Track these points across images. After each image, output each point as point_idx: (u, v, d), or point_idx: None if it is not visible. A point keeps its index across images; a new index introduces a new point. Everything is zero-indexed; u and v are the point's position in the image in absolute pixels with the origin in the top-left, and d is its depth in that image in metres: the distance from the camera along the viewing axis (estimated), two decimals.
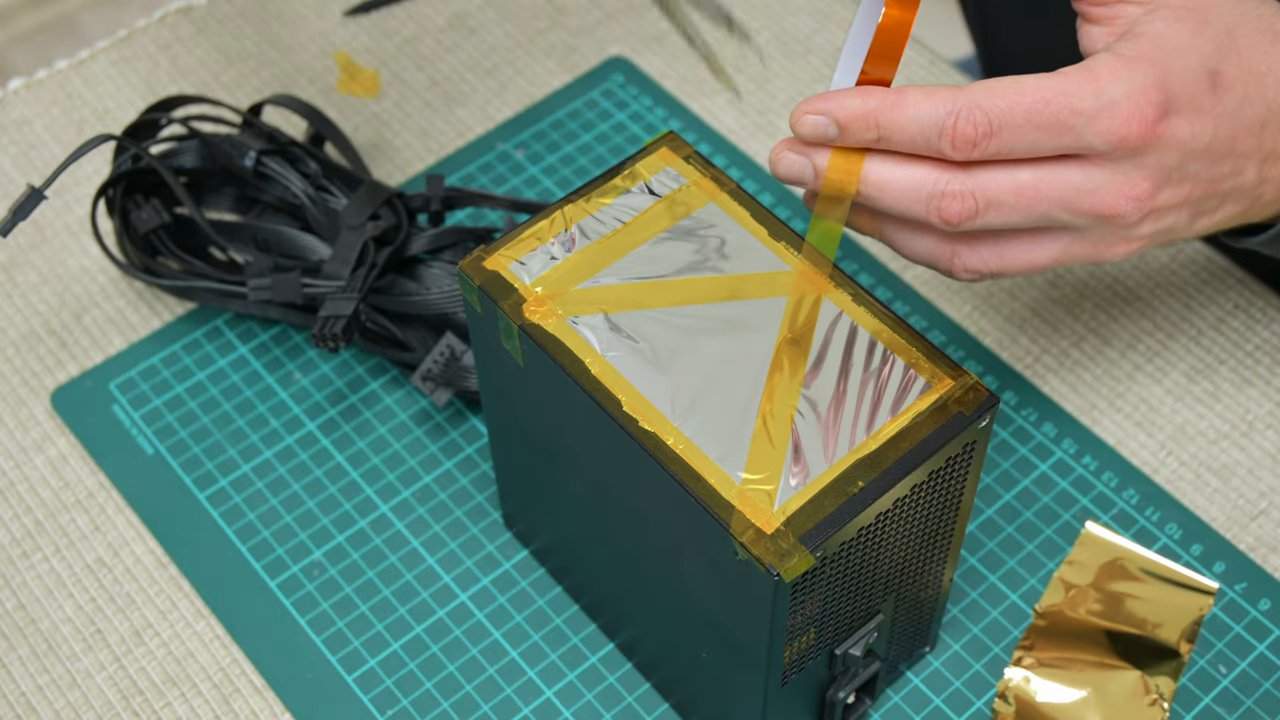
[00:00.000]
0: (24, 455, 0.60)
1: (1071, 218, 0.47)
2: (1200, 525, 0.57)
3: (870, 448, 0.42)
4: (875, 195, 0.47)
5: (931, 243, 0.48)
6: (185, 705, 0.54)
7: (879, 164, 0.46)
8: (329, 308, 0.57)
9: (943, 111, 0.45)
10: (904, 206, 0.46)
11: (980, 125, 0.45)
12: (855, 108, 0.46)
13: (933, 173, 0.46)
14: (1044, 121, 0.45)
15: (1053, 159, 0.46)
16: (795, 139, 0.48)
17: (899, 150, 0.46)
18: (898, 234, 0.50)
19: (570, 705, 0.53)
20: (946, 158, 0.45)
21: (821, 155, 0.47)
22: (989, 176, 0.46)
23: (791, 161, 0.48)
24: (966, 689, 0.54)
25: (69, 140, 0.70)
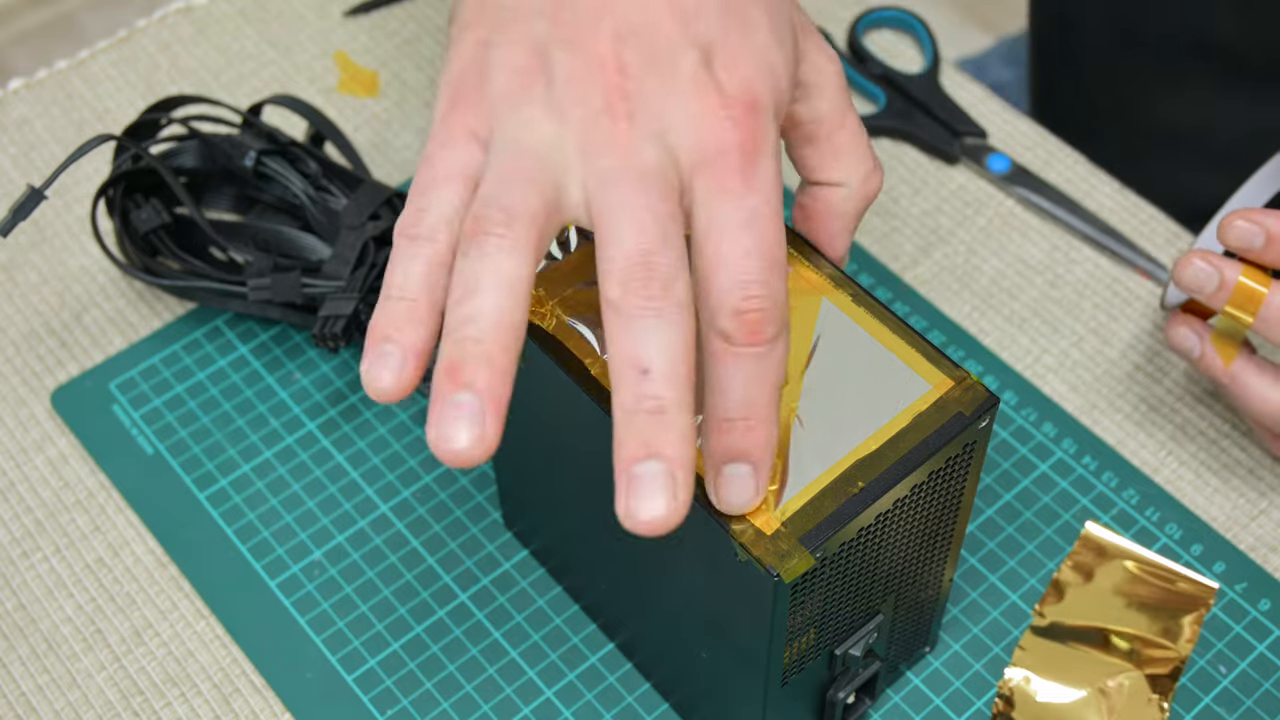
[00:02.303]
0: (24, 455, 0.60)
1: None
2: (1200, 525, 0.57)
3: (870, 448, 0.42)
4: (1273, 321, 0.51)
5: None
6: (185, 705, 0.54)
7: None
8: (329, 308, 0.57)
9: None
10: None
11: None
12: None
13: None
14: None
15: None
16: (1206, 251, 0.52)
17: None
18: (1253, 380, 0.53)
19: (570, 705, 0.53)
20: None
21: (1231, 268, 0.52)
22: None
23: (1199, 269, 0.52)
24: (966, 689, 0.54)
25: (69, 140, 0.70)
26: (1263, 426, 0.56)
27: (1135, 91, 0.77)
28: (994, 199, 0.67)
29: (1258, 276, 0.52)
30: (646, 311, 0.36)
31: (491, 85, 0.39)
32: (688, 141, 0.38)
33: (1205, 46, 0.72)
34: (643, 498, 0.36)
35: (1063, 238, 0.66)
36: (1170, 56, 0.74)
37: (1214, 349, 0.54)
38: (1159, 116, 0.76)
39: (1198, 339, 0.54)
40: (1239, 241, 0.52)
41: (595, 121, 0.38)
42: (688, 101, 0.38)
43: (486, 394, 0.36)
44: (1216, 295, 0.52)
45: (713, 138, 0.38)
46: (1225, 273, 0.52)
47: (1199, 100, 0.74)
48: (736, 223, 0.38)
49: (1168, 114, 0.76)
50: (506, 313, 0.36)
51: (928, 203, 0.67)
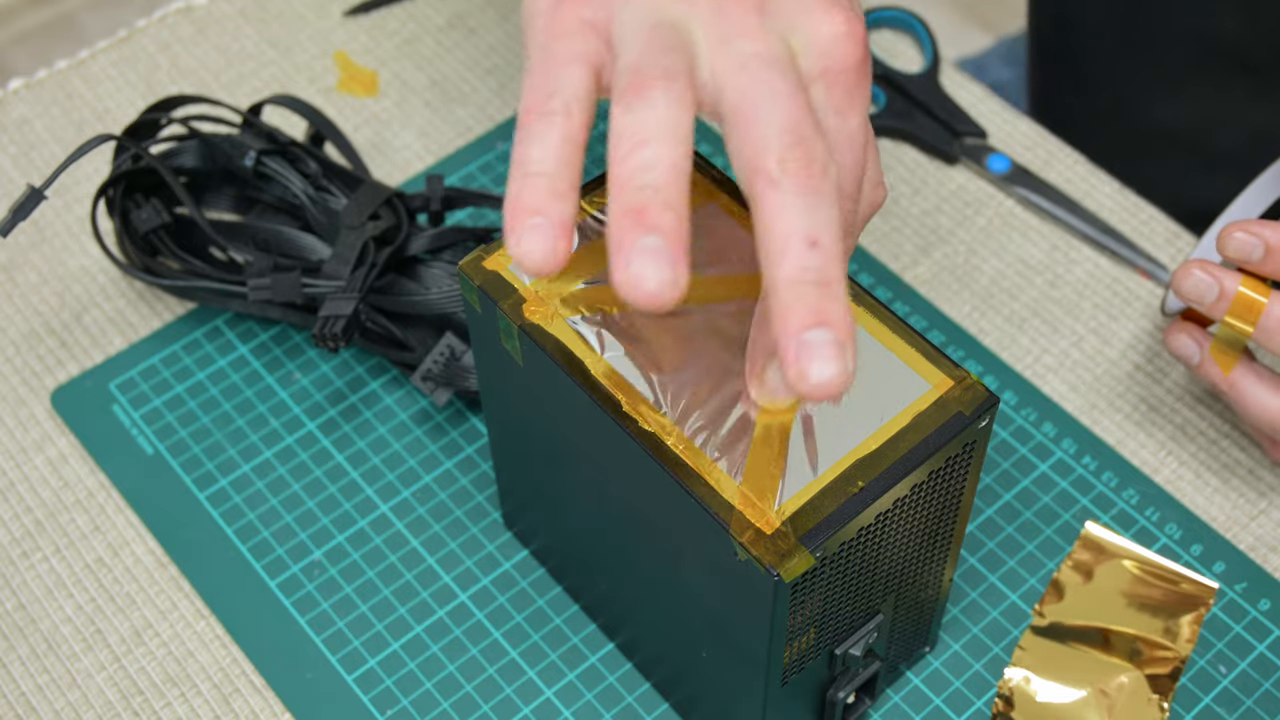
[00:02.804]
0: (24, 455, 0.60)
1: None
2: (1200, 525, 0.57)
3: (870, 448, 0.42)
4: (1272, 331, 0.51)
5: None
6: (185, 705, 0.54)
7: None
8: (329, 308, 0.57)
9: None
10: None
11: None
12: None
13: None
14: None
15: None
16: (1205, 261, 0.52)
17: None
18: (1253, 388, 0.53)
19: (570, 705, 0.53)
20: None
21: (1231, 278, 0.52)
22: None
23: (1198, 279, 0.52)
24: (966, 689, 0.54)
25: (69, 140, 0.70)
26: (1262, 433, 0.56)
27: (1135, 91, 0.77)
28: (994, 199, 0.67)
29: (1257, 287, 0.52)
30: (808, 188, 0.37)
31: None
32: (814, 50, 0.39)
33: (1207, 45, 0.72)
34: (815, 360, 0.36)
35: (1063, 238, 0.66)
36: (1171, 55, 0.74)
37: (1213, 358, 0.54)
38: (1159, 116, 0.76)
39: (1197, 347, 0.54)
40: (1238, 253, 0.52)
41: (723, 8, 0.39)
42: (814, 12, 0.39)
43: (673, 237, 0.36)
44: (1216, 305, 0.53)
45: (838, 52, 0.39)
46: (1225, 283, 0.52)
47: (1199, 100, 0.74)
48: (849, 131, 0.40)
49: (1168, 113, 0.76)
50: (680, 160, 0.37)
51: (928, 203, 0.67)
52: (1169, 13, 0.72)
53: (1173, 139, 0.76)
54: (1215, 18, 0.71)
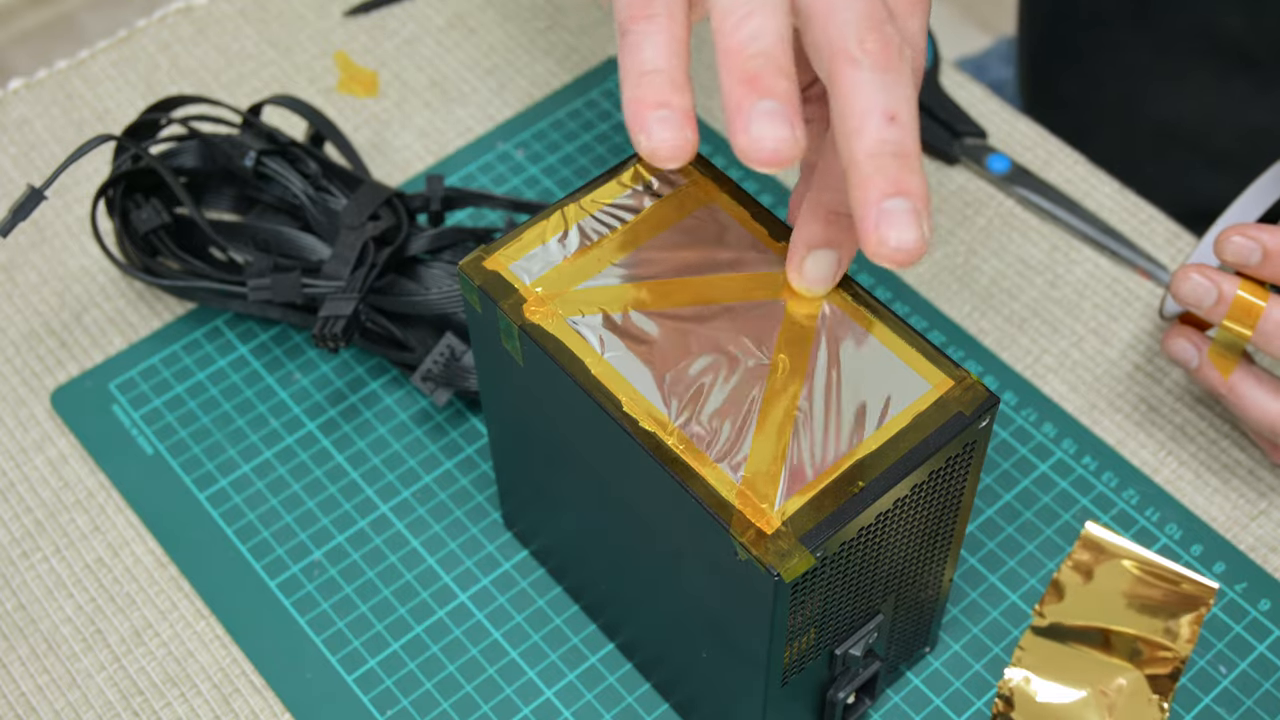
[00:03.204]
0: (24, 455, 0.60)
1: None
2: (1200, 525, 0.57)
3: (870, 448, 0.42)
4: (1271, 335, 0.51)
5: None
6: (185, 705, 0.54)
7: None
8: (329, 308, 0.57)
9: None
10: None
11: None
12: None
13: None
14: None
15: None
16: (1203, 265, 0.53)
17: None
18: (1251, 391, 0.53)
19: (570, 705, 0.53)
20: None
21: (1229, 283, 0.52)
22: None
23: (1196, 283, 0.52)
24: (966, 689, 0.54)
25: (69, 140, 0.70)
26: (1262, 436, 0.56)
27: (1136, 87, 0.77)
28: (994, 199, 0.67)
29: (1255, 291, 0.52)
30: (889, 66, 0.38)
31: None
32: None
33: (1209, 40, 0.72)
34: (895, 227, 0.38)
35: (1063, 238, 0.66)
36: (1173, 50, 0.74)
37: (1212, 361, 0.54)
38: (1160, 112, 0.76)
39: (1195, 351, 0.54)
40: (1236, 257, 0.52)
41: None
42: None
43: (787, 100, 0.38)
44: (1214, 310, 0.53)
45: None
46: (1223, 287, 0.52)
47: (1200, 96, 0.74)
48: (909, 36, 0.42)
49: (1168, 110, 0.76)
50: (785, 29, 0.39)
51: None
52: (1171, 8, 0.72)
53: (1173, 136, 0.76)
54: (1217, 13, 0.71)
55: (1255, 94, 0.72)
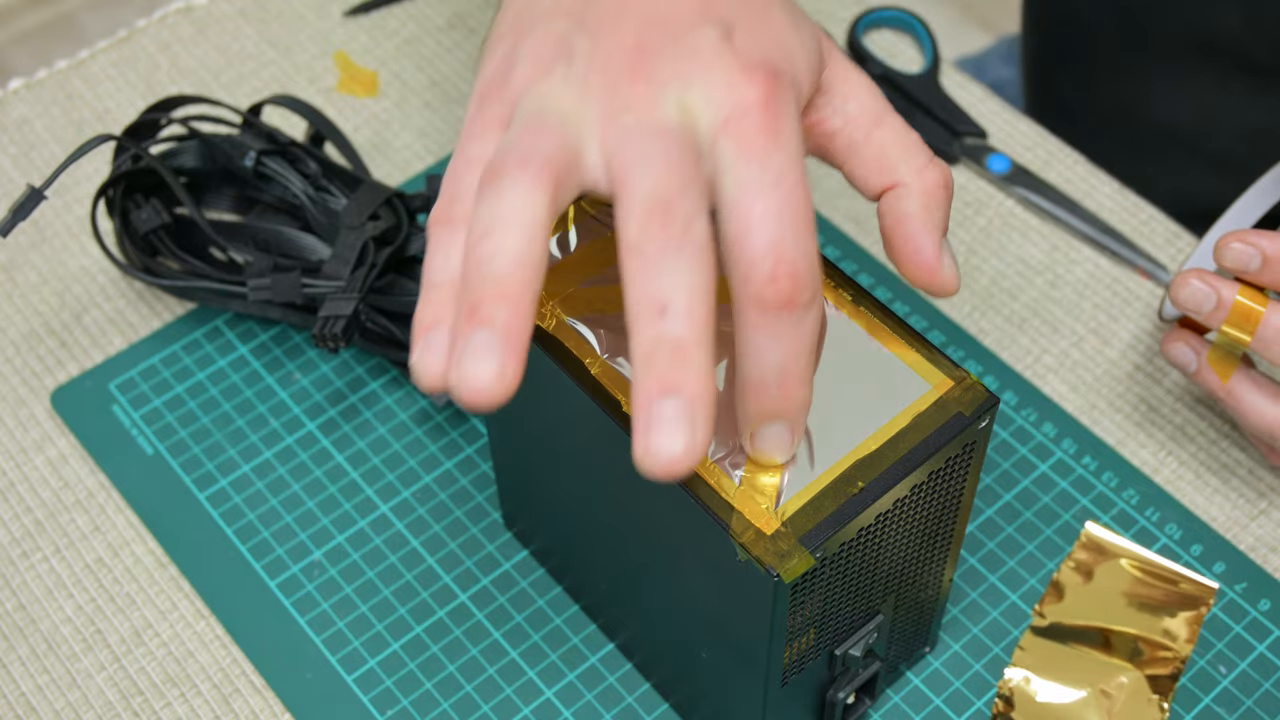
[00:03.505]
0: (24, 455, 0.60)
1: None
2: (1200, 525, 0.57)
3: (870, 448, 0.42)
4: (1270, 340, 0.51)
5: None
6: (185, 705, 0.54)
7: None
8: (329, 308, 0.57)
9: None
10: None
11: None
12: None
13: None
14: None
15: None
16: (1202, 270, 0.52)
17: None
18: (1250, 395, 0.53)
19: (570, 705, 0.53)
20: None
21: (1229, 289, 0.52)
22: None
23: (1195, 288, 0.52)
24: (966, 689, 0.54)
25: (69, 140, 0.70)
26: (1260, 440, 0.56)
27: (1135, 88, 0.77)
28: (994, 199, 0.67)
29: (1255, 296, 0.52)
30: (665, 250, 0.36)
31: (515, 75, 0.40)
32: (709, 103, 0.38)
33: (1208, 43, 0.72)
34: (662, 435, 0.35)
35: (1063, 238, 0.66)
36: (1172, 53, 0.74)
37: (1210, 365, 0.54)
38: (1159, 114, 0.76)
39: (1194, 354, 0.55)
40: (1235, 263, 0.52)
41: (615, 85, 0.38)
42: (708, 68, 0.38)
43: (505, 331, 0.35)
44: (1214, 315, 0.53)
45: (734, 97, 0.38)
46: (1222, 293, 0.52)
47: (1199, 98, 0.74)
48: (764, 183, 0.37)
49: (1168, 112, 0.76)
50: (524, 252, 0.36)
51: None
52: (1170, 10, 0.72)
53: (1173, 137, 0.76)
54: (1216, 16, 0.71)
55: (1255, 95, 0.72)
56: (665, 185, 0.36)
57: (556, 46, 0.40)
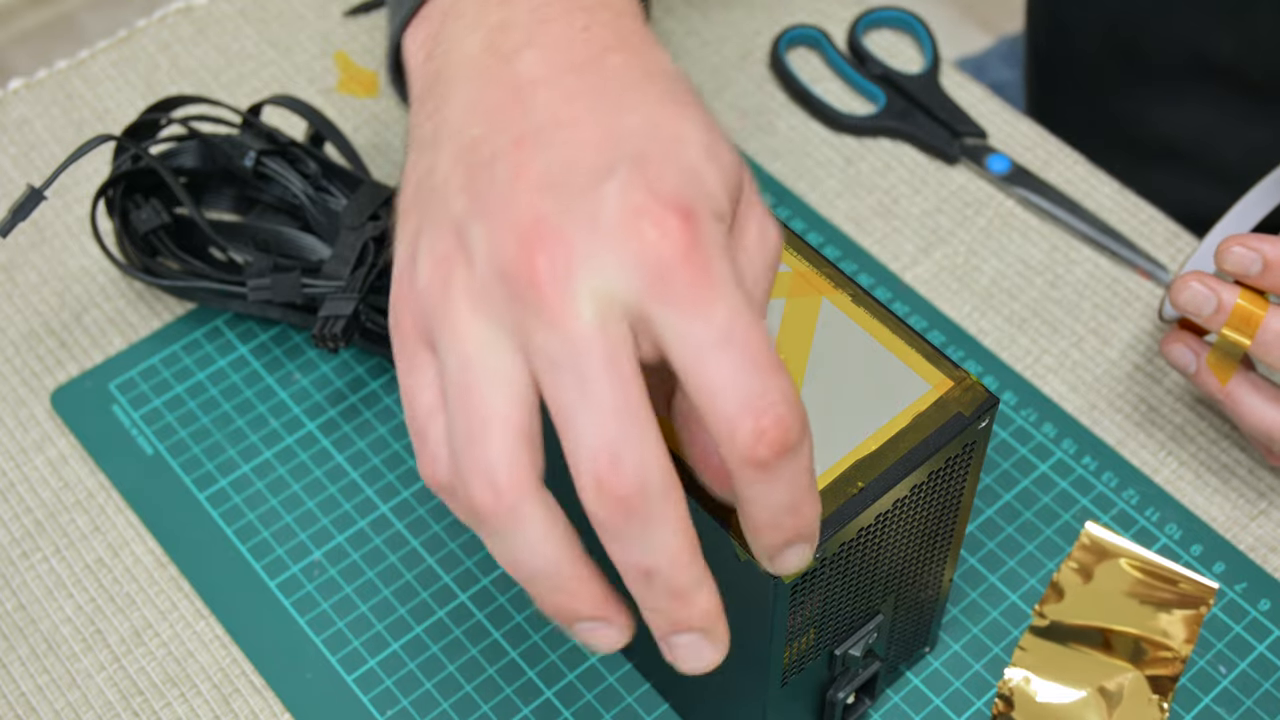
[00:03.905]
0: (24, 455, 0.60)
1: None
2: (1200, 525, 0.57)
3: (869, 449, 0.42)
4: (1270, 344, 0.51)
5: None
6: (185, 705, 0.54)
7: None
8: (329, 308, 0.57)
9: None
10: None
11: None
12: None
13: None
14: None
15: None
16: (1202, 273, 0.53)
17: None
18: (1249, 397, 0.53)
19: (570, 705, 0.53)
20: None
21: (1229, 292, 0.52)
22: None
23: (1196, 291, 0.53)
24: (966, 689, 0.54)
25: (69, 140, 0.70)
26: (1258, 441, 0.56)
27: (1132, 104, 0.77)
28: (994, 199, 0.67)
29: (1255, 300, 0.52)
30: (629, 526, 0.35)
31: (419, 279, 0.37)
32: (626, 277, 0.34)
33: (1204, 62, 0.72)
34: (687, 660, 0.37)
35: (1063, 238, 0.66)
36: (1168, 71, 0.74)
37: (1210, 368, 0.54)
38: (1157, 130, 0.76)
39: (1194, 356, 0.55)
40: (1236, 267, 0.52)
41: (523, 295, 0.35)
42: (616, 233, 0.35)
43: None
44: (1214, 318, 0.53)
45: (652, 261, 0.34)
46: (1223, 296, 0.53)
47: (1197, 116, 0.74)
48: (713, 342, 0.34)
49: (1166, 127, 0.76)
50: (558, 552, 0.37)
51: (928, 203, 0.67)
52: (1166, 29, 0.72)
53: (1172, 151, 0.76)
54: (1213, 36, 0.71)
55: (1252, 113, 0.72)
56: (605, 433, 0.34)
57: (454, 241, 0.36)
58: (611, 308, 0.35)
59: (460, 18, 0.41)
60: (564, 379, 0.34)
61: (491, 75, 0.39)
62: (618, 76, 0.38)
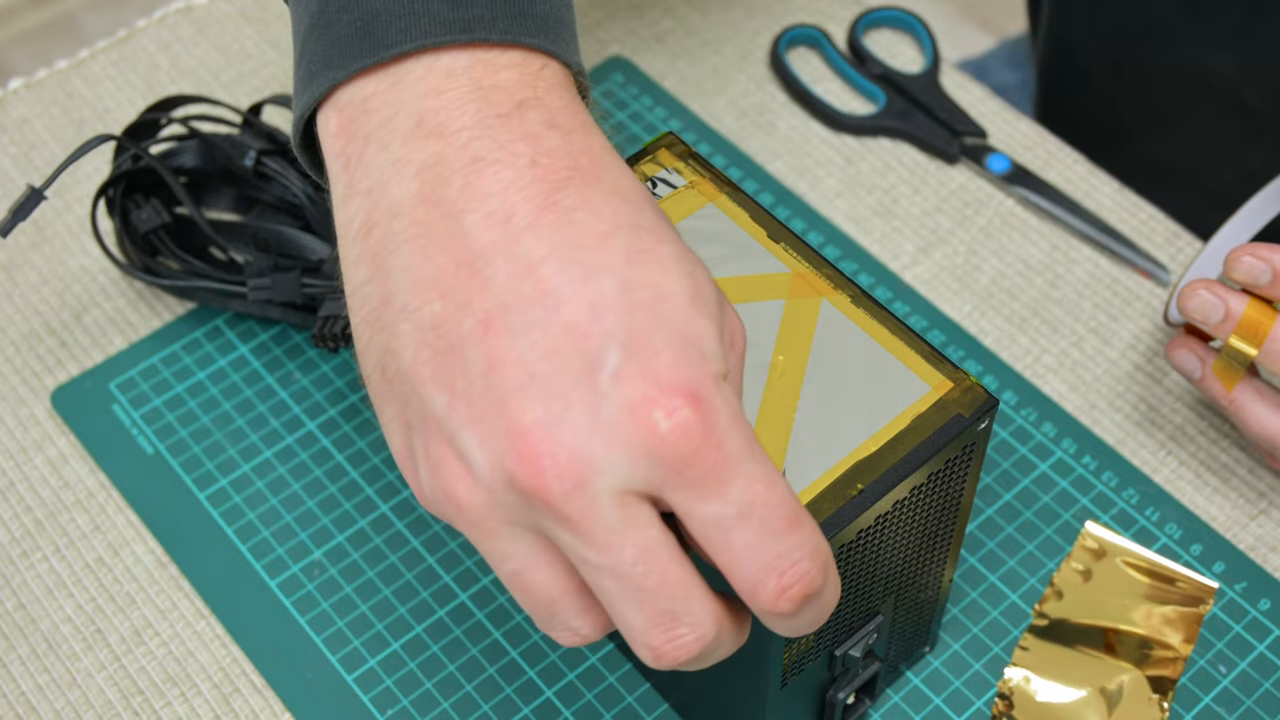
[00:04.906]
0: (24, 455, 0.60)
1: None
2: (1200, 525, 0.57)
3: (869, 450, 0.42)
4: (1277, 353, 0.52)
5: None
6: (185, 705, 0.54)
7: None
8: (329, 308, 0.57)
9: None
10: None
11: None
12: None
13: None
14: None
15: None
16: (1211, 282, 0.53)
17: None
18: (1254, 404, 0.54)
19: (570, 705, 0.53)
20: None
21: (1237, 301, 0.52)
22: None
23: (1204, 299, 0.53)
24: (966, 689, 0.54)
25: (69, 140, 0.70)
26: (1262, 448, 0.56)
27: (1131, 125, 0.77)
28: (994, 199, 0.67)
29: (1263, 309, 0.53)
30: (688, 667, 0.36)
31: (425, 487, 0.36)
32: (640, 471, 0.34)
33: (1202, 84, 0.72)
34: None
35: (1063, 238, 0.66)
36: (1167, 93, 0.74)
37: (1216, 375, 0.54)
38: (1155, 152, 0.76)
39: (1199, 362, 0.55)
40: (1246, 276, 0.52)
41: (538, 508, 0.34)
42: (622, 430, 0.34)
43: None
44: (1221, 326, 0.53)
45: (666, 457, 0.34)
46: (1231, 305, 0.53)
47: (1194, 139, 0.74)
48: (732, 517, 0.34)
49: (1163, 150, 0.76)
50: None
51: (928, 203, 0.67)
52: (1165, 48, 0.72)
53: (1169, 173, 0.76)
54: (1209, 60, 0.71)
55: (1249, 139, 0.72)
56: (651, 614, 0.35)
57: (447, 449, 0.35)
58: (628, 499, 0.34)
59: (384, 148, 0.37)
60: (603, 577, 0.34)
61: (438, 233, 0.35)
62: (577, 224, 0.35)
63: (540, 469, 0.33)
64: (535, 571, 0.35)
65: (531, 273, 0.34)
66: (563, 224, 0.35)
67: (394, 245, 0.36)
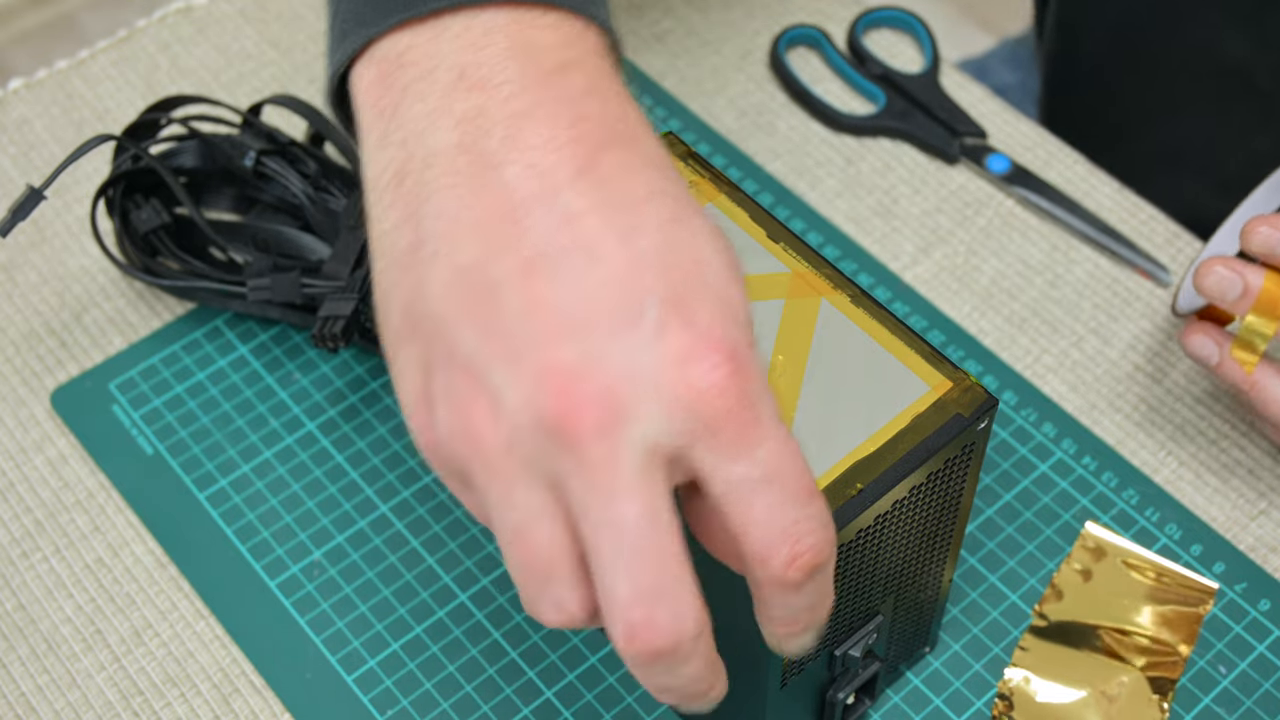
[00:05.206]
0: (24, 455, 0.60)
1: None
2: (1200, 525, 0.57)
3: (868, 450, 0.42)
4: None
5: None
6: (185, 705, 0.54)
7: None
8: (329, 308, 0.57)
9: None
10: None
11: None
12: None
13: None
14: None
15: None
16: (1226, 257, 0.51)
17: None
18: (1275, 386, 0.52)
19: (570, 705, 0.53)
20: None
21: (1255, 274, 0.51)
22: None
23: (1221, 276, 0.51)
24: (966, 689, 0.54)
25: (69, 140, 0.70)
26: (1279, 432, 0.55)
27: (1139, 110, 0.76)
28: (994, 199, 0.67)
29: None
30: (655, 666, 0.35)
31: (439, 426, 0.35)
32: (673, 426, 0.34)
33: (1212, 66, 0.72)
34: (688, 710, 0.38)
35: (1063, 238, 0.66)
36: (1176, 76, 0.73)
37: (1234, 357, 0.53)
38: (1162, 137, 0.76)
39: (1216, 347, 0.53)
40: (1262, 247, 0.51)
41: (562, 448, 0.34)
42: (661, 381, 0.34)
43: None
44: (1239, 302, 0.52)
45: (702, 411, 0.34)
46: (1249, 279, 0.51)
47: (1203, 122, 0.74)
48: (756, 480, 0.34)
49: (1171, 134, 0.75)
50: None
51: (928, 203, 0.67)
52: (1175, 32, 0.72)
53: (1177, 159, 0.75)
54: (1222, 41, 0.70)
55: (1259, 122, 0.72)
56: (639, 586, 0.34)
57: (472, 384, 0.35)
58: (654, 457, 0.34)
59: (421, 99, 0.37)
60: (601, 532, 0.34)
61: (477, 183, 0.35)
62: (617, 185, 0.35)
63: (575, 404, 0.33)
64: (538, 527, 0.35)
65: (571, 225, 0.34)
66: (602, 184, 0.35)
67: (428, 193, 0.36)
